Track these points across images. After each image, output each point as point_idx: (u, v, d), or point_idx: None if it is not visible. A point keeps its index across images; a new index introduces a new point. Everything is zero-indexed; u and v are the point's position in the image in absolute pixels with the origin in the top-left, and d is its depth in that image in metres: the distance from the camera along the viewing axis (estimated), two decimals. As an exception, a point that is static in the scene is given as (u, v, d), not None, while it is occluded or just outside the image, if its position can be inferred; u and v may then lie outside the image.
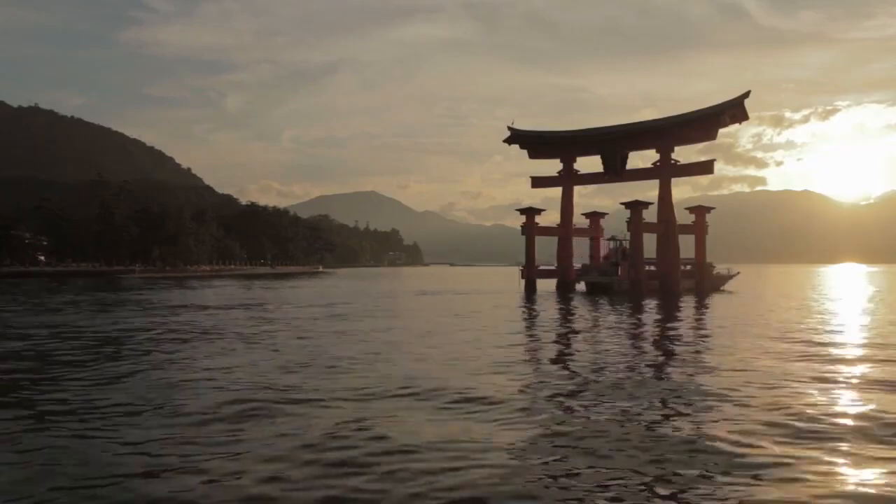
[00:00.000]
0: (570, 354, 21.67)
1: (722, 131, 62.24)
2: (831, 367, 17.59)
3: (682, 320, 34.04)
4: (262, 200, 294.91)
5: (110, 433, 11.01)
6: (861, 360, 19.08)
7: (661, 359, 20.01)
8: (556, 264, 71.28)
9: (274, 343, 23.20)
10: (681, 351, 21.53)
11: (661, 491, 8.33)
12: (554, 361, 19.62)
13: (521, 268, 71.19)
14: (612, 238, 67.91)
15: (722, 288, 68.50)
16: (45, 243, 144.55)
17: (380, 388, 14.69)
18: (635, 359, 19.79)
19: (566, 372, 17.60)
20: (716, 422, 11.69)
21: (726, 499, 8.02)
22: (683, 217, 66.86)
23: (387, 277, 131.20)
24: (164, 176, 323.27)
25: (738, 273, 75.00)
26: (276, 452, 9.85)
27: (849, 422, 11.63)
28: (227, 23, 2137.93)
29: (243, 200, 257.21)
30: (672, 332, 27.72)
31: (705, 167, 63.43)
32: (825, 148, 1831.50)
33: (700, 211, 67.85)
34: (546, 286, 67.90)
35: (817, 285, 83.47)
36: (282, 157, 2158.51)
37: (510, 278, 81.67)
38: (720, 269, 71.54)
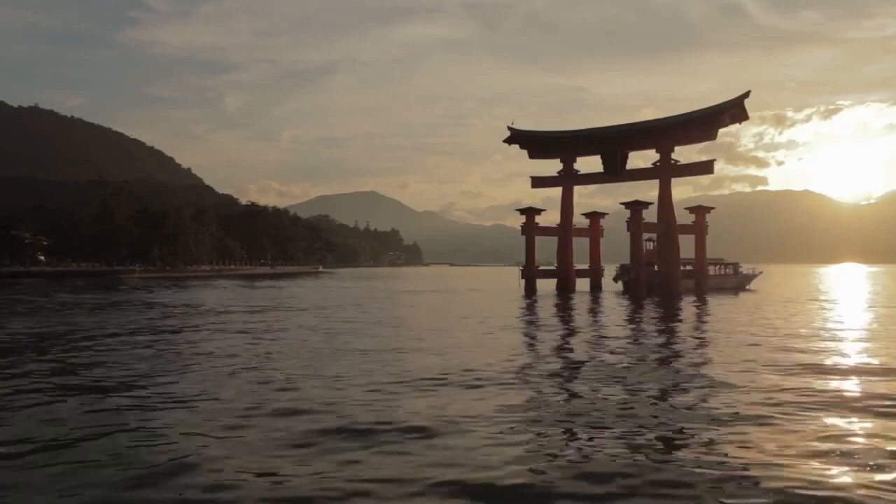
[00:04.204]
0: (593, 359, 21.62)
1: (723, 131, 62.34)
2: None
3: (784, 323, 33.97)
4: (262, 200, 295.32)
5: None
6: None
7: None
8: (555, 264, 71.27)
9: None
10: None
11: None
12: (572, 364, 19.59)
13: (520, 268, 71.13)
14: (649, 239, 67.70)
15: (748, 287, 72.56)
16: (45, 243, 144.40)
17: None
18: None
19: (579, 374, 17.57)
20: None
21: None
22: (683, 217, 66.85)
23: (388, 278, 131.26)
24: (164, 176, 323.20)
25: (762, 272, 79.91)
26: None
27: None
28: (226, 23, 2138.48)
29: (243, 200, 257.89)
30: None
31: (705, 167, 63.37)
32: (827, 147, 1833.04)
33: (700, 211, 67.79)
34: (547, 286, 67.90)
35: (835, 285, 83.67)
36: (281, 157, 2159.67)
37: (510, 278, 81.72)
38: (745, 269, 76.39)
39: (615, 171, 66.80)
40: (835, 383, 15.36)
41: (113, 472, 9.09)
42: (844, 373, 16.97)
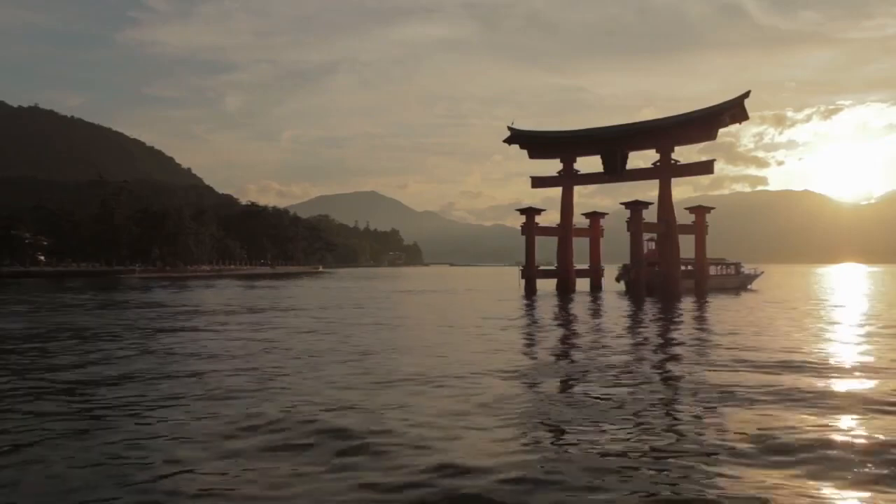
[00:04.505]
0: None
1: (723, 131, 62.29)
2: None
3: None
4: (262, 200, 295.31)
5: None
6: None
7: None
8: (555, 264, 71.22)
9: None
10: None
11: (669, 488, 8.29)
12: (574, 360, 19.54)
13: (520, 268, 71.08)
14: (652, 239, 67.59)
15: (749, 287, 73.30)
16: (45, 243, 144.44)
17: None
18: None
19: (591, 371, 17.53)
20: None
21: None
22: (683, 217, 66.81)
23: (388, 278, 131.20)
24: (164, 176, 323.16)
25: (763, 272, 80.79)
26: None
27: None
28: (226, 23, 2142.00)
29: (243, 200, 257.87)
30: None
31: (705, 167, 63.32)
32: (827, 147, 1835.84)
33: (700, 211, 67.76)
34: (547, 286, 67.85)
35: (837, 285, 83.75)
36: (281, 157, 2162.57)
37: (510, 278, 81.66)
38: (747, 269, 77.49)
39: (615, 171, 66.73)
40: (840, 383, 15.31)
41: (79, 474, 9.00)
42: (849, 372, 16.94)
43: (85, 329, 28.51)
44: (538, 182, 73.00)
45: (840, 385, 15.17)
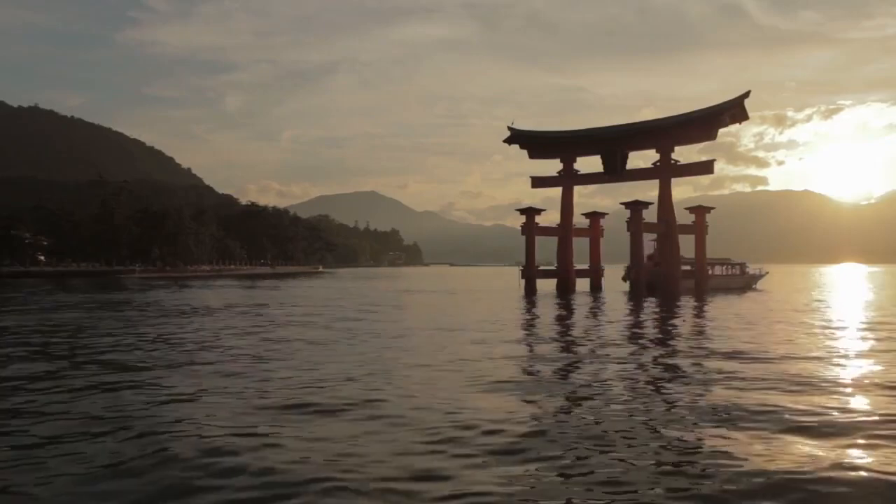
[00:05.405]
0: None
1: (723, 131, 62.46)
2: None
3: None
4: (262, 200, 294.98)
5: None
6: None
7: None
8: (555, 264, 71.21)
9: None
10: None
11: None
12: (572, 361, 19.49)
13: (520, 268, 71.06)
14: (655, 239, 67.35)
15: (754, 286, 73.53)
16: (45, 243, 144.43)
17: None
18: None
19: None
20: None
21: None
22: (683, 217, 66.82)
23: (387, 278, 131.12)
24: (164, 176, 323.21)
25: (768, 272, 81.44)
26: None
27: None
28: (226, 23, 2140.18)
29: (243, 200, 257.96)
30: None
31: (705, 167, 63.39)
32: (827, 147, 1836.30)
33: (700, 211, 67.79)
34: (547, 286, 67.78)
35: (840, 285, 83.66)
36: (281, 156, 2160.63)
37: (510, 278, 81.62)
38: (752, 269, 77.88)
39: (615, 171, 66.76)
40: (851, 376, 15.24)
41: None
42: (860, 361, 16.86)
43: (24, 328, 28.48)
44: (538, 182, 73.02)
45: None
